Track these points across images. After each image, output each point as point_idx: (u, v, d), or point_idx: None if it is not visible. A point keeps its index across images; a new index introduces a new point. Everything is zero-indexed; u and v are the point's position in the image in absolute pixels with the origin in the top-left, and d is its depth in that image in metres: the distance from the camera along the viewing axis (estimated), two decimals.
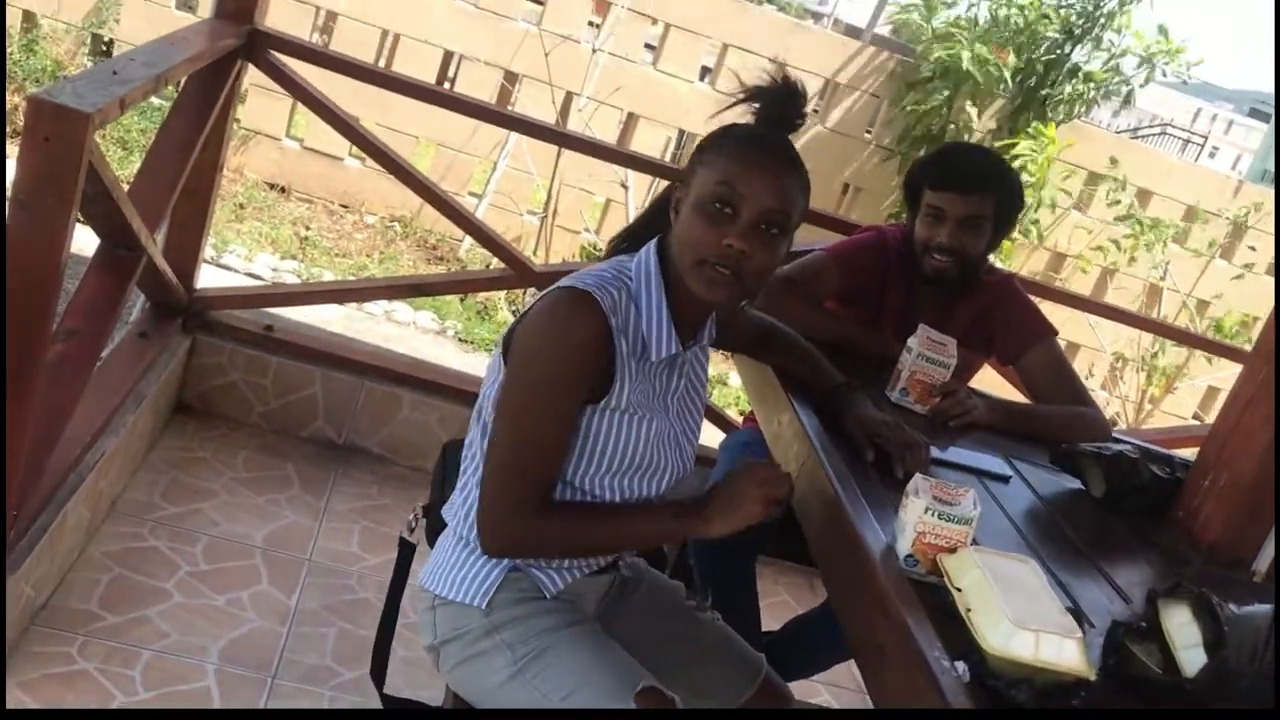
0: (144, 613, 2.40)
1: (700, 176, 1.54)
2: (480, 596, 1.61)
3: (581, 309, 1.50)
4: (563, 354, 1.49)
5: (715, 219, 1.50)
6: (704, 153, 1.57)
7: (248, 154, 6.45)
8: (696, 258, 1.51)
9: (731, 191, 1.50)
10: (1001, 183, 2.35)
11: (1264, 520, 1.82)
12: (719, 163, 1.52)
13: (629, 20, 6.51)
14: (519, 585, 1.63)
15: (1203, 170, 8.68)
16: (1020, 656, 1.26)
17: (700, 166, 1.55)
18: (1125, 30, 6.51)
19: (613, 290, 1.53)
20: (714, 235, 1.50)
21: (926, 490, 1.47)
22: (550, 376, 1.51)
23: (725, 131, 1.59)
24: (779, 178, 1.53)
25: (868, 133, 7.05)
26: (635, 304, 1.56)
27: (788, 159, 1.56)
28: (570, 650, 1.58)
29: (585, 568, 1.67)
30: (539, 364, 1.51)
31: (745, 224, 1.50)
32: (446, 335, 5.72)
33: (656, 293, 1.57)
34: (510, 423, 1.52)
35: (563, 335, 1.49)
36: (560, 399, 1.51)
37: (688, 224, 1.53)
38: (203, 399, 3.23)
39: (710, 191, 1.51)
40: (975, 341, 2.42)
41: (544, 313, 1.52)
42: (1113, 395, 6.94)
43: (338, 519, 2.98)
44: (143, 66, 2.18)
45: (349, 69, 3.23)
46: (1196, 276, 6.91)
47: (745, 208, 1.50)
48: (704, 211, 1.51)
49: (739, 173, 1.50)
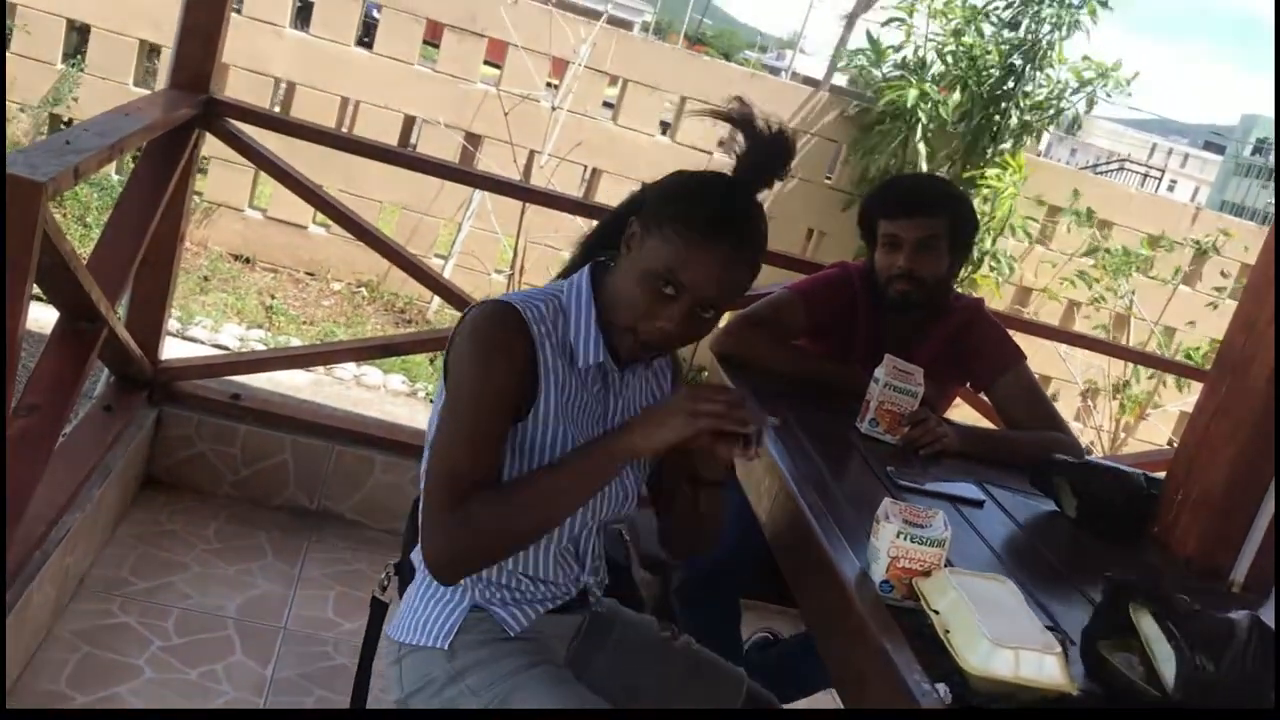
0: (115, 690, 2.35)
1: (656, 240, 1.51)
2: (442, 638, 1.59)
3: (498, 317, 1.52)
4: (480, 361, 1.50)
5: (654, 295, 1.51)
6: (670, 212, 1.52)
7: (211, 226, 6.45)
8: (627, 323, 1.54)
9: (675, 277, 1.49)
10: (950, 202, 2.39)
11: (1237, 529, 1.82)
12: (676, 239, 1.49)
13: (586, 78, 6.58)
14: (481, 626, 1.61)
15: (1161, 200, 8.82)
16: (1001, 675, 1.24)
17: (663, 224, 1.51)
18: (1061, 63, 6.67)
19: (538, 303, 1.55)
20: (649, 310, 1.51)
21: (897, 515, 1.46)
22: (470, 384, 1.50)
23: (698, 198, 1.54)
24: (727, 269, 1.51)
25: (828, 178, 7.13)
26: (564, 314, 1.58)
27: (749, 244, 1.54)
28: (532, 694, 1.56)
29: (548, 603, 1.65)
30: (458, 375, 1.51)
31: (681, 309, 1.51)
32: (418, 397, 5.69)
33: (586, 307, 1.58)
34: (437, 437, 1.53)
35: (485, 335, 1.50)
36: (481, 405, 1.50)
37: (628, 282, 1.53)
38: (171, 471, 3.19)
39: (657, 268, 1.50)
40: (947, 369, 2.43)
41: (464, 328, 1.53)
42: (1086, 425, 6.97)
43: (312, 586, 2.94)
44: (96, 136, 2.18)
45: (306, 133, 3.24)
46: (1163, 305, 6.99)
47: (688, 296, 1.50)
48: (646, 285, 1.51)
49: (693, 260, 1.49)
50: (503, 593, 1.62)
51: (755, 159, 1.58)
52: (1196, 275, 7.21)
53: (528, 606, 1.63)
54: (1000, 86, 6.62)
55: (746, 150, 1.58)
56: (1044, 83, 6.71)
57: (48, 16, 6.13)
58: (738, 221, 1.53)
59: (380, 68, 6.43)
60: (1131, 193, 8.13)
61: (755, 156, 1.58)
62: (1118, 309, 6.94)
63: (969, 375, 2.51)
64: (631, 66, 6.61)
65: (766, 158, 1.58)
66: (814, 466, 1.86)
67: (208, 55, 2.92)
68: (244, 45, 6.02)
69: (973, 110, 6.63)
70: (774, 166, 1.58)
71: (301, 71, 6.41)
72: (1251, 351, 1.84)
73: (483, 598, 1.61)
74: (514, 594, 1.62)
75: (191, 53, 2.91)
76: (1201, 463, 1.88)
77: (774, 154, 1.58)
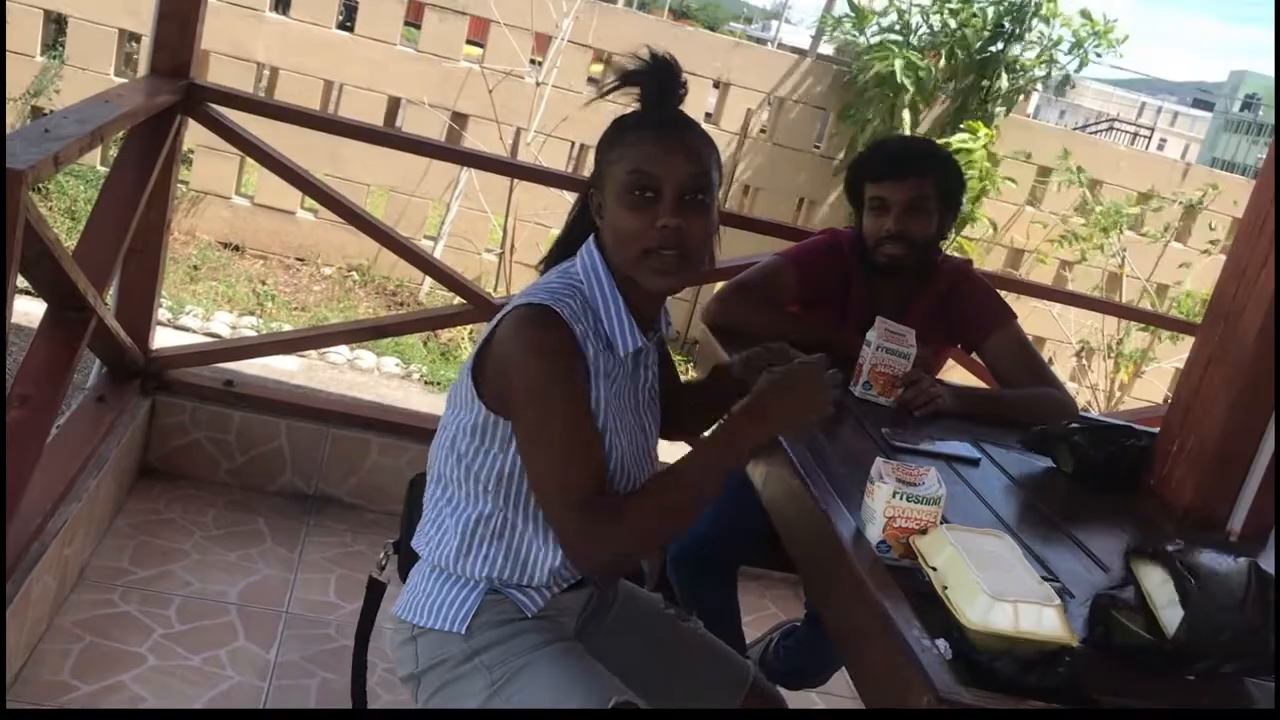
0: (119, 679, 2.35)
1: (612, 173, 1.54)
2: (460, 622, 1.59)
3: (548, 323, 1.50)
4: (555, 358, 1.49)
5: (640, 205, 1.51)
6: (606, 150, 1.58)
7: (199, 215, 6.42)
8: (639, 248, 1.52)
9: (646, 176, 1.51)
10: (937, 163, 2.39)
11: (1233, 479, 1.82)
12: (624, 153, 1.53)
13: (570, 53, 6.54)
14: (498, 608, 1.60)
15: (1150, 158, 8.80)
16: (1000, 629, 1.24)
17: (608, 165, 1.56)
18: (1054, 19, 6.62)
19: (567, 300, 1.53)
20: (645, 221, 1.51)
21: (890, 474, 1.46)
22: (556, 383, 1.48)
23: (617, 124, 1.59)
24: (684, 145, 1.54)
25: (816, 146, 7.10)
26: (591, 306, 1.56)
27: (683, 124, 1.57)
28: (546, 668, 1.56)
29: (563, 583, 1.65)
30: (540, 378, 1.49)
31: (670, 201, 1.51)
32: (412, 379, 5.69)
33: (610, 290, 1.57)
34: (544, 449, 1.49)
35: (545, 344, 1.49)
36: (572, 400, 1.49)
37: (615, 220, 1.54)
38: (167, 460, 3.19)
39: (626, 181, 1.52)
40: (938, 330, 2.43)
41: (516, 333, 1.50)
42: (1082, 385, 6.98)
43: (312, 569, 2.94)
44: (75, 123, 2.16)
45: (290, 115, 3.22)
46: (1154, 261, 6.98)
47: (665, 186, 1.51)
48: (627, 203, 1.52)
49: (646, 155, 1.52)
50: (516, 584, 1.61)
51: (650, 95, 1.59)
52: (1187, 231, 7.20)
53: (544, 589, 1.62)
54: (988, 49, 6.59)
55: (642, 92, 1.59)
56: (1035, 40, 6.68)
57: (25, 8, 6.08)
58: (668, 113, 1.58)
59: (362, 49, 6.39)
60: (1121, 150, 8.12)
61: (649, 93, 1.59)
62: (1109, 267, 6.93)
63: (960, 336, 2.50)
64: (615, 40, 6.57)
65: (660, 83, 1.59)
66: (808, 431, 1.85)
67: (186, 40, 2.90)
68: (224, 31, 5.98)
69: (958, 74, 6.61)
70: (670, 89, 1.59)
71: (283, 56, 6.37)
72: (1243, 300, 1.84)
73: (500, 583, 1.61)
74: (528, 585, 1.62)
75: (170, 38, 2.88)
76: (1196, 413, 1.88)
77: (665, 77, 1.59)
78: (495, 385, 1.53)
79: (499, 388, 1.52)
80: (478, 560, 1.59)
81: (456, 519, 1.60)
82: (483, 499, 1.57)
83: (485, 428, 1.55)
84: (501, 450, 1.55)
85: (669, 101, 1.60)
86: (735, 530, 2.33)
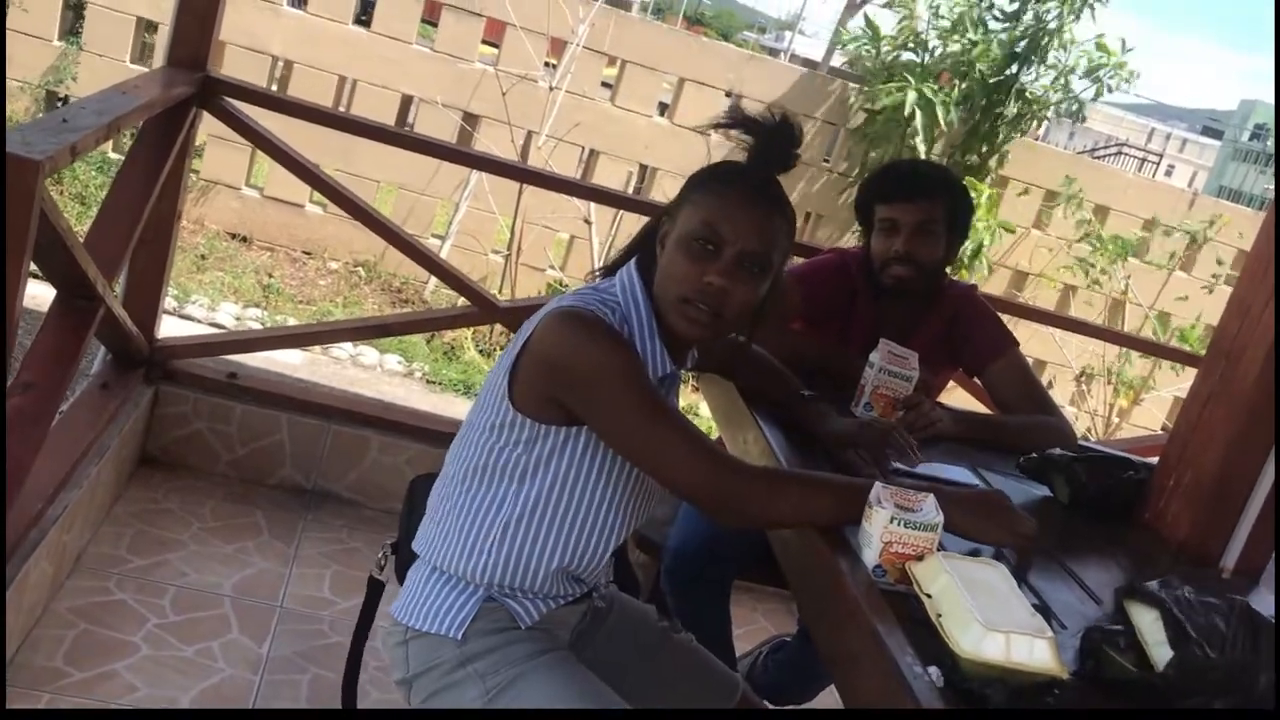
0: (112, 667, 2.36)
1: (686, 213, 1.56)
2: (456, 627, 1.60)
3: (597, 317, 1.52)
4: (617, 342, 1.51)
5: (697, 255, 1.53)
6: (691, 190, 1.59)
7: (208, 205, 6.44)
8: (679, 294, 1.54)
9: (713, 231, 1.53)
10: (948, 187, 2.40)
11: (1229, 516, 1.83)
12: (704, 200, 1.55)
13: (585, 58, 6.56)
14: (494, 616, 1.61)
15: (1157, 185, 8.81)
16: (992, 659, 1.25)
17: (687, 203, 1.57)
18: (1072, 45, 6.63)
19: (606, 312, 1.55)
20: (695, 271, 1.53)
21: (889, 499, 1.46)
22: (625, 361, 1.50)
23: (713, 169, 1.61)
24: (761, 218, 1.55)
25: (825, 160, 7.12)
26: (627, 325, 1.58)
27: (772, 198, 1.58)
28: (542, 679, 1.57)
29: (563, 598, 1.66)
30: (610, 357, 1.50)
31: (726, 262, 1.53)
32: (414, 377, 5.70)
33: (646, 314, 1.59)
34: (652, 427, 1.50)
35: (603, 333, 1.51)
36: (645, 375, 1.52)
37: (671, 259, 1.56)
38: (167, 450, 3.20)
39: (693, 229, 1.54)
40: (941, 354, 2.44)
41: (567, 328, 1.51)
42: (1081, 410, 6.99)
43: (308, 564, 2.95)
44: (93, 115, 2.17)
45: (302, 111, 3.24)
46: (1158, 290, 7.00)
47: (728, 247, 1.53)
48: (687, 248, 1.54)
49: (722, 212, 1.53)
50: (515, 591, 1.62)
51: (764, 151, 1.60)
52: (1192, 261, 7.22)
53: (541, 601, 1.63)
54: (1002, 72, 6.60)
55: (754, 146, 1.60)
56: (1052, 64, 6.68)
57: None
58: (761, 179, 1.59)
59: (378, 46, 6.42)
60: (1129, 177, 8.13)
61: (763, 148, 1.60)
62: (1113, 294, 6.94)
63: (962, 360, 2.51)
64: (629, 47, 6.60)
65: (775, 147, 1.60)
66: (809, 450, 1.86)
67: (205, 33, 2.92)
68: (241, 23, 6.00)
69: (973, 97, 6.61)
70: (784, 153, 1.60)
71: (299, 50, 6.39)
72: (1246, 338, 1.85)
73: (498, 590, 1.62)
74: (526, 592, 1.63)
75: (189, 30, 2.90)
76: (1194, 449, 1.89)
77: (782, 142, 1.59)
78: (536, 385, 1.54)
79: (543, 388, 1.53)
80: (480, 562, 1.59)
81: (463, 518, 1.60)
82: (494, 498, 1.58)
83: (509, 426, 1.56)
84: (526, 450, 1.56)
85: (775, 165, 1.60)
86: (731, 544, 2.34)
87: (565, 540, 1.60)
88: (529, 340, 1.54)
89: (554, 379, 1.51)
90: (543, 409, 1.54)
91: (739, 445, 2.02)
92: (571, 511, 1.59)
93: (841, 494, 1.54)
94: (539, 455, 1.56)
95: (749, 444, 1.96)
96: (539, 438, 1.55)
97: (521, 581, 1.61)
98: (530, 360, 1.53)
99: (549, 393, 1.52)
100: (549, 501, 1.58)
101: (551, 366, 1.51)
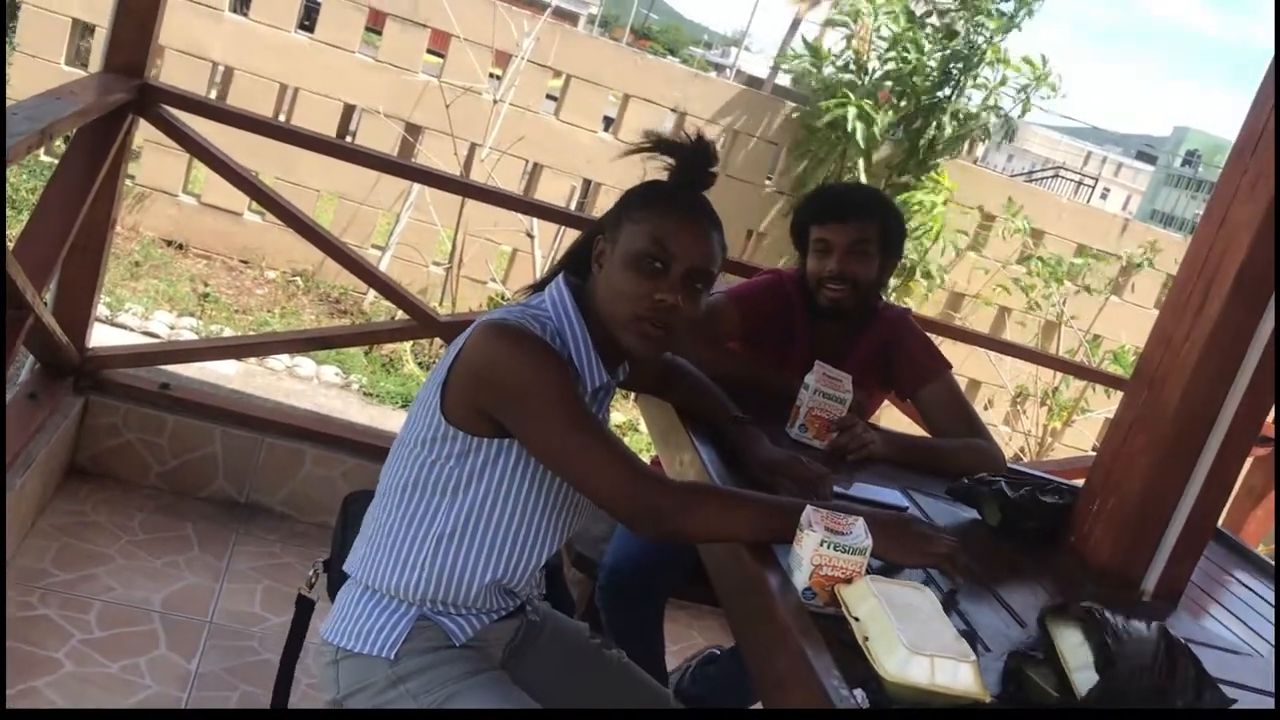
0: (32, 684, 2.31)
1: (629, 231, 1.59)
2: (388, 648, 1.59)
3: (527, 331, 1.53)
4: (547, 356, 1.52)
5: (647, 274, 1.56)
6: (632, 208, 1.62)
7: (143, 211, 6.35)
8: (631, 312, 1.56)
9: (662, 248, 1.56)
10: (881, 208, 2.45)
11: (1150, 540, 1.87)
12: (649, 219, 1.58)
13: (530, 71, 6.56)
14: (427, 635, 1.61)
15: (1092, 211, 9.01)
16: (916, 682, 1.27)
17: (629, 221, 1.59)
18: (999, 64, 6.78)
19: (535, 325, 1.56)
20: (646, 289, 1.56)
21: (819, 523, 1.48)
22: (554, 374, 1.51)
23: (652, 189, 1.65)
24: (706, 237, 1.60)
25: (768, 179, 7.18)
26: (560, 338, 1.59)
27: (712, 219, 1.63)
28: (475, 699, 1.57)
29: (496, 612, 1.66)
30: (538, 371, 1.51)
31: (675, 279, 1.56)
32: (351, 389, 5.65)
33: (579, 327, 1.61)
34: (576, 438, 1.51)
35: (532, 346, 1.52)
36: (573, 391, 1.53)
37: (619, 277, 1.58)
38: (96, 461, 3.14)
39: (643, 247, 1.57)
40: (874, 376, 2.47)
41: (497, 340, 1.52)
42: (1015, 430, 7.11)
43: (239, 579, 2.91)
44: (25, 120, 2.14)
45: (241, 121, 3.20)
46: (1094, 314, 7.14)
47: (676, 264, 1.57)
48: (636, 266, 1.57)
49: (670, 231, 1.57)
50: (448, 607, 1.62)
51: (684, 171, 1.65)
52: (1126, 285, 7.38)
53: (474, 617, 1.64)
54: (935, 94, 6.73)
55: (675, 167, 1.65)
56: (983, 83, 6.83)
57: None
58: (695, 198, 1.64)
59: (321, 55, 6.38)
60: (1064, 203, 8.29)
61: (683, 170, 1.65)
62: (1049, 317, 7.08)
63: (896, 383, 2.55)
64: (575, 62, 6.61)
65: (694, 166, 1.65)
66: (742, 471, 1.88)
67: (144, 38, 2.88)
68: (181, 28, 5.93)
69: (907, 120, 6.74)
70: (703, 173, 1.65)
71: (240, 56, 6.33)
72: (1167, 368, 1.89)
73: (431, 607, 1.62)
74: (459, 608, 1.63)
75: (127, 35, 2.87)
76: (1117, 475, 1.93)
77: (701, 161, 1.65)
78: (466, 398, 1.55)
79: (472, 400, 1.54)
80: (413, 578, 1.59)
81: (396, 534, 1.60)
82: (427, 513, 1.59)
83: (441, 439, 1.57)
84: (458, 463, 1.57)
85: (698, 184, 1.65)
86: (666, 563, 2.35)
87: (498, 552, 1.61)
88: (460, 353, 1.55)
89: (483, 390, 1.53)
90: (474, 421, 1.55)
91: (675, 466, 2.03)
92: (504, 523, 1.60)
93: (763, 511, 1.55)
94: (471, 468, 1.56)
95: (685, 465, 1.97)
96: (471, 451, 1.56)
97: (455, 596, 1.61)
98: (461, 372, 1.55)
99: (479, 404, 1.54)
100: (481, 514, 1.58)
101: (481, 378, 1.52)
